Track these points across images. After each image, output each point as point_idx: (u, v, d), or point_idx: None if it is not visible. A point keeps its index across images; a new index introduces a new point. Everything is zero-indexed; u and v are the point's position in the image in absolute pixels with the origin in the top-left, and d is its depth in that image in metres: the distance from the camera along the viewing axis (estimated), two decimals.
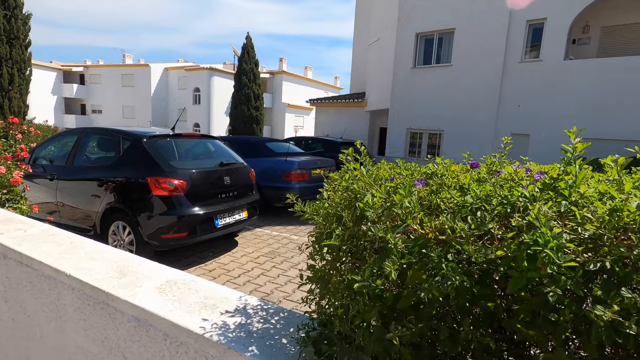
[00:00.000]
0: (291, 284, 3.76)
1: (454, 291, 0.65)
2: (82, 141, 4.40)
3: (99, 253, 1.69)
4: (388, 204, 0.85)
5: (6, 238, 1.85)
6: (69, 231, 2.02)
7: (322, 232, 0.99)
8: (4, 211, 2.36)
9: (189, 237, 3.85)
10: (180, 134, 4.48)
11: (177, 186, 3.75)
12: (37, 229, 2.03)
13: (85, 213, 4.14)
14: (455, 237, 0.70)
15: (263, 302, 1.36)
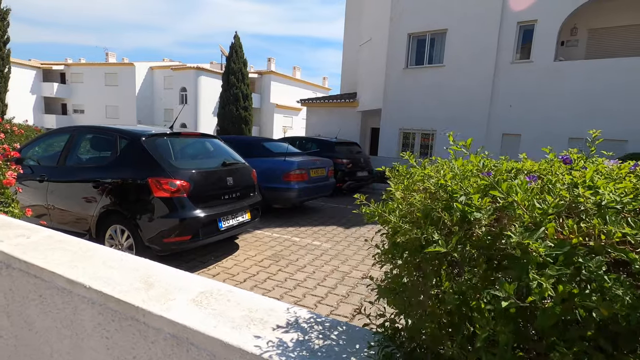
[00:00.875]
0: (300, 288, 3.62)
1: (625, 309, 0.54)
2: (74, 140, 4.15)
3: (117, 261, 1.53)
4: (501, 203, 0.73)
5: (8, 245, 1.66)
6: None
7: (407, 237, 0.87)
8: (1, 216, 2.15)
9: (192, 241, 3.67)
10: (180, 133, 4.28)
11: (179, 187, 3.57)
12: (41, 234, 1.84)
13: (79, 216, 3.90)
14: (612, 243, 0.59)
15: (314, 314, 1.24)
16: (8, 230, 1.88)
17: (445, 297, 0.72)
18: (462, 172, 0.90)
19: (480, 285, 0.71)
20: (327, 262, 4.45)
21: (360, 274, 4.10)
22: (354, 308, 3.24)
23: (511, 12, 11.03)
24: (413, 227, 0.85)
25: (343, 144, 9.89)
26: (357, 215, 7.26)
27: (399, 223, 0.91)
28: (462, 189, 0.81)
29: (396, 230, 0.95)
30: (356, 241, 5.41)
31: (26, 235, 1.81)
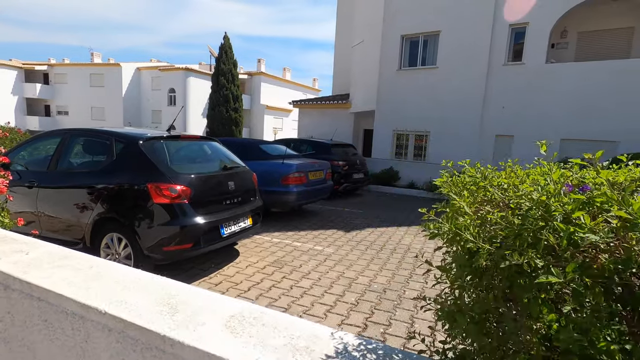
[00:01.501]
0: (307, 296, 3.50)
1: None
2: (66, 144, 3.94)
3: (133, 280, 1.38)
4: (617, 224, 0.63)
5: (5, 263, 1.50)
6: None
7: (493, 260, 0.76)
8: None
9: (194, 249, 3.51)
10: (179, 136, 4.12)
11: (180, 193, 3.41)
12: (41, 249, 1.68)
13: (72, 224, 3.70)
14: None
15: (363, 338, 1.12)
16: (2, 245, 1.71)
17: (561, 336, 0.62)
18: (554, 187, 0.79)
19: (598, 321, 0.61)
20: (331, 267, 4.33)
21: (366, 279, 3.99)
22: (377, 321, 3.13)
23: (504, 15, 11.13)
24: (503, 250, 0.74)
25: (339, 146, 9.80)
26: (356, 218, 7.18)
27: (480, 243, 0.80)
28: (561, 206, 0.71)
29: (473, 252, 0.84)
30: (358, 245, 5.31)
31: (24, 251, 1.65)
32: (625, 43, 10.88)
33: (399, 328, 2.96)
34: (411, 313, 3.24)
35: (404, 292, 3.69)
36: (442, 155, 12.34)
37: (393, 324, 3.04)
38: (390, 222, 6.95)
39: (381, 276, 4.13)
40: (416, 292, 3.70)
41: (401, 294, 3.66)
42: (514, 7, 10.80)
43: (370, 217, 7.30)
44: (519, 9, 10.74)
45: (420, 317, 3.17)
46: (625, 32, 10.86)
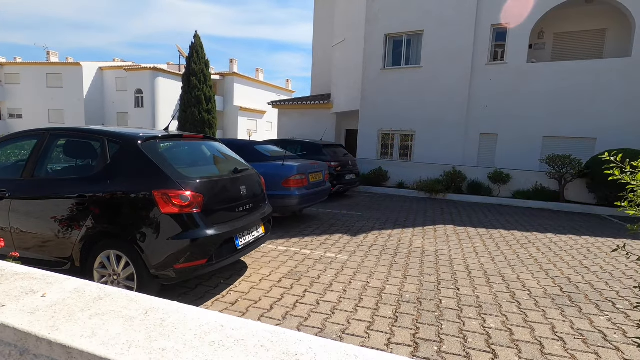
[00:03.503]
0: (340, 312, 3.12)
1: None
2: (45, 146, 3.33)
3: (223, 331, 0.97)
4: None
5: (18, 314, 1.03)
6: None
7: None
8: None
9: (209, 264, 3.04)
10: (181, 135, 3.61)
11: (191, 200, 2.93)
12: (63, 288, 1.22)
13: (56, 241, 3.11)
14: None
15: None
16: (5, 284, 1.23)
17: None
18: None
19: None
20: (352, 277, 3.98)
21: (394, 289, 3.68)
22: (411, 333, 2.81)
23: (485, 15, 11.29)
24: None
25: (329, 146, 9.47)
26: (357, 221, 6.87)
27: None
28: None
29: None
30: (371, 250, 4.99)
31: (37, 291, 1.18)
32: (598, 44, 11.35)
33: (453, 345, 2.66)
34: (458, 325, 2.95)
35: (440, 302, 3.40)
36: (428, 154, 12.37)
37: (445, 340, 2.73)
38: (393, 224, 6.70)
39: (408, 284, 3.83)
40: (453, 301, 3.43)
41: (438, 303, 3.37)
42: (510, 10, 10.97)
43: (371, 220, 7.02)
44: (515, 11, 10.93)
45: (470, 329, 2.89)
46: (599, 33, 11.33)
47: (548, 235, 6.19)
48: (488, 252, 5.07)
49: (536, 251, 5.21)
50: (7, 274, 1.28)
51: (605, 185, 8.07)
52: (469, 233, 6.20)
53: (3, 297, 1.11)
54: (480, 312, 3.20)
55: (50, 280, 1.24)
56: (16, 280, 1.23)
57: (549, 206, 8.99)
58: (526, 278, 4.11)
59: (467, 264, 4.53)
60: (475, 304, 3.38)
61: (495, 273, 4.25)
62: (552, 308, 3.34)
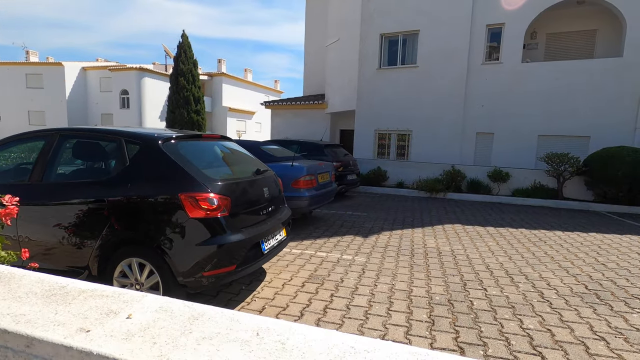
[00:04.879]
0: (373, 317, 3.01)
1: None
2: (54, 148, 3.10)
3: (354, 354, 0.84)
4: None
5: (110, 340, 0.89)
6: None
7: None
8: (35, 275, 1.29)
9: (238, 270, 2.88)
10: (200, 135, 3.44)
11: (219, 204, 2.77)
12: (142, 305, 1.07)
13: (70, 250, 2.89)
14: None
15: None
16: (73, 303, 1.07)
17: None
18: None
19: None
20: (376, 280, 3.88)
21: (422, 291, 3.59)
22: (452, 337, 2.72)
23: (481, 15, 11.40)
24: None
25: (330, 147, 9.36)
26: (364, 221, 6.78)
27: None
28: None
29: None
30: (387, 251, 4.90)
31: (117, 311, 1.03)
32: (589, 44, 11.60)
33: (498, 348, 2.59)
34: (497, 327, 2.88)
35: (472, 303, 3.33)
36: (425, 154, 12.40)
37: (488, 343, 2.65)
38: (401, 224, 6.64)
39: (434, 285, 3.75)
40: (485, 302, 3.36)
41: (469, 305, 3.30)
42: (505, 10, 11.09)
43: (378, 220, 6.94)
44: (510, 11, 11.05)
45: (510, 331, 2.82)
46: (589, 34, 11.59)
47: (556, 233, 6.24)
48: (504, 251, 5.05)
49: (550, 249, 5.23)
50: (71, 291, 1.12)
51: (604, 182, 8.22)
52: (479, 232, 6.19)
53: (81, 320, 0.95)
54: (515, 313, 3.14)
55: (125, 298, 1.09)
56: (86, 299, 1.07)
57: (548, 204, 9.11)
58: (548, 276, 4.09)
59: (487, 264, 4.49)
60: (507, 304, 3.33)
61: (517, 272, 4.22)
62: (584, 307, 3.31)
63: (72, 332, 0.89)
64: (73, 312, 0.99)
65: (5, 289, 1.12)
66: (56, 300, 1.05)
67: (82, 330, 0.90)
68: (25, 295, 1.08)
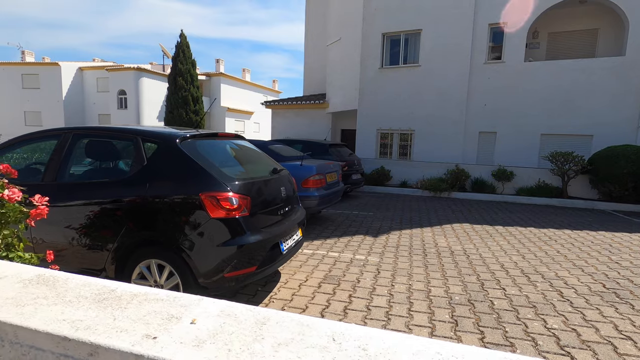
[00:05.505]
0: (396, 318, 2.97)
1: None
2: (68, 147, 3.03)
3: None
4: None
5: (180, 347, 0.85)
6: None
7: None
8: (77, 277, 1.23)
9: (258, 271, 2.83)
10: (216, 134, 3.38)
11: (240, 203, 2.71)
12: (204, 310, 1.02)
13: (85, 251, 2.83)
14: None
15: None
16: (129, 308, 1.02)
17: None
18: None
19: None
20: (392, 280, 3.83)
21: (440, 291, 3.55)
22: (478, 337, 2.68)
23: (483, 15, 11.40)
24: None
25: (335, 146, 9.32)
26: (372, 221, 6.74)
27: None
28: None
29: None
30: (399, 251, 4.86)
31: (178, 316, 0.98)
32: (591, 43, 11.64)
33: (526, 348, 2.55)
34: (521, 328, 2.84)
35: (492, 303, 3.29)
36: (427, 153, 12.39)
37: (515, 343, 2.62)
38: (409, 223, 6.60)
39: (452, 285, 3.71)
40: (505, 302, 3.32)
41: (490, 304, 3.26)
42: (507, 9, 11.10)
43: (385, 220, 6.90)
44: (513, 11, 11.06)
45: (535, 331, 2.79)
46: (591, 33, 11.62)
47: (565, 232, 6.23)
48: (516, 250, 5.03)
49: (561, 248, 5.21)
50: (122, 295, 1.06)
51: (610, 181, 8.23)
52: (488, 231, 6.16)
53: (143, 326, 0.89)
54: (537, 313, 3.11)
55: (181, 302, 1.03)
56: (141, 304, 1.01)
57: (553, 202, 9.12)
58: (564, 275, 4.07)
59: (501, 263, 4.46)
60: (528, 303, 3.29)
61: (532, 271, 4.19)
62: (605, 305, 3.28)
63: (138, 339, 0.83)
64: (132, 318, 0.93)
65: (53, 293, 1.06)
66: (110, 305, 0.99)
67: (148, 337, 0.84)
68: (76, 299, 1.02)
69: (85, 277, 1.20)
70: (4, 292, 1.06)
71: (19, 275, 1.18)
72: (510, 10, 11.06)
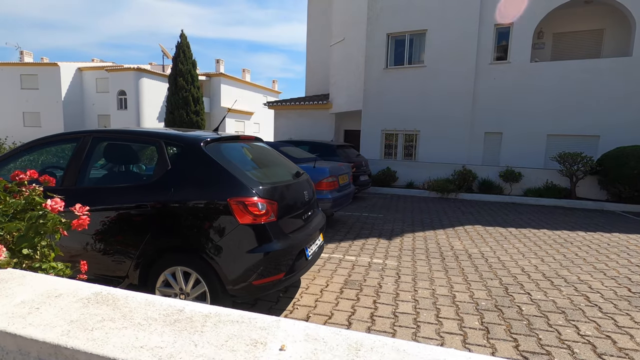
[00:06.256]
0: (425, 325, 2.90)
1: None
2: (87, 150, 2.95)
3: None
4: None
5: None
6: None
7: None
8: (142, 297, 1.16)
9: (285, 279, 2.76)
10: (238, 137, 3.30)
11: (268, 209, 2.64)
12: (285, 333, 0.95)
13: (107, 258, 2.75)
14: None
15: None
16: (206, 332, 0.94)
17: None
18: None
19: None
20: (414, 285, 3.77)
21: (465, 296, 3.49)
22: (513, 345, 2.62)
23: (489, 15, 11.35)
24: None
25: (342, 147, 9.25)
26: (383, 223, 6.68)
27: None
28: None
29: None
30: (416, 254, 4.80)
31: (263, 341, 0.91)
32: (596, 44, 11.62)
33: (563, 357, 2.49)
34: (555, 335, 2.78)
35: (520, 309, 3.23)
36: (432, 154, 12.34)
37: (552, 352, 2.55)
38: (421, 226, 6.54)
39: (476, 290, 3.65)
40: (533, 307, 3.26)
41: (519, 310, 3.20)
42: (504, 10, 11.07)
43: (396, 221, 6.84)
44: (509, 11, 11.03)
45: (569, 338, 2.73)
46: (597, 33, 11.60)
47: (579, 233, 6.18)
48: (533, 253, 4.97)
49: (579, 250, 5.16)
50: (193, 316, 0.99)
51: (619, 181, 8.20)
52: (502, 233, 6.11)
53: (230, 354, 0.82)
54: (568, 319, 3.05)
55: (259, 324, 0.96)
56: (216, 326, 0.94)
57: (562, 203, 9.08)
58: (587, 279, 4.01)
59: (521, 266, 4.41)
60: (556, 309, 3.23)
61: (554, 274, 4.14)
62: (635, 311, 3.23)
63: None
64: (214, 343, 0.86)
65: (118, 314, 0.98)
66: (185, 328, 0.92)
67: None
68: (145, 321, 0.95)
69: (145, 294, 1.12)
70: (65, 313, 0.98)
71: (75, 294, 1.11)
72: (517, 10, 11.02)
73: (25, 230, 1.41)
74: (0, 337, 0.90)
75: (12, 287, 1.14)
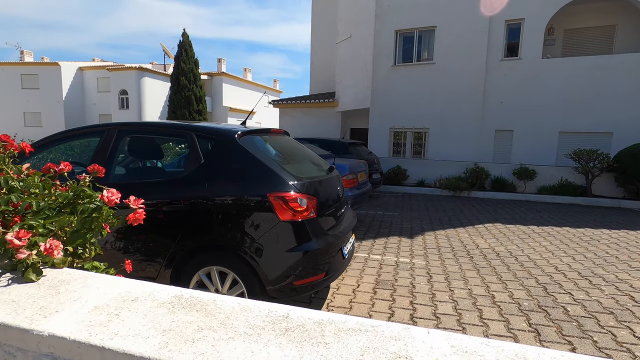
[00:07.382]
0: (472, 327, 2.75)
1: None
2: (113, 145, 2.79)
3: None
4: None
5: None
6: None
7: None
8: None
9: (326, 279, 2.61)
10: (269, 130, 3.14)
11: (308, 205, 2.49)
12: (426, 343, 0.79)
13: (138, 258, 2.59)
14: None
15: None
16: (327, 344, 0.80)
17: None
18: None
19: None
20: (449, 285, 3.62)
21: (504, 296, 3.34)
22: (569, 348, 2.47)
23: (499, 11, 11.21)
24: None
25: (354, 145, 9.09)
26: (401, 221, 6.53)
27: None
28: None
29: None
30: (442, 253, 4.65)
31: (408, 357, 0.76)
32: (608, 40, 11.49)
33: None
34: (610, 337, 2.64)
35: (565, 309, 3.08)
36: (442, 152, 12.19)
37: (613, 354, 2.41)
38: (439, 224, 6.39)
39: (514, 290, 3.50)
40: (578, 307, 3.12)
41: (564, 311, 3.05)
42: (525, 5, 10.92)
43: (413, 220, 6.69)
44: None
45: (626, 340, 2.58)
46: (608, 29, 11.47)
47: (603, 231, 6.04)
48: (562, 251, 4.83)
49: (608, 248, 5.02)
50: (304, 323, 0.83)
51: (638, 179, 8.06)
52: (524, 231, 5.96)
53: None
54: (618, 319, 2.90)
55: (388, 333, 0.80)
56: (338, 336, 0.78)
57: (578, 201, 8.94)
58: (626, 278, 3.87)
59: (553, 265, 4.26)
60: (603, 309, 3.09)
61: (590, 273, 3.99)
62: None
63: None
64: (346, 358, 0.70)
65: (215, 322, 0.83)
66: (304, 339, 0.76)
67: None
68: (252, 330, 0.79)
69: (232, 297, 0.97)
70: (152, 320, 0.83)
71: (153, 297, 0.95)
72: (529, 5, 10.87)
73: (79, 225, 1.25)
74: (83, 350, 0.74)
75: (77, 290, 0.99)
